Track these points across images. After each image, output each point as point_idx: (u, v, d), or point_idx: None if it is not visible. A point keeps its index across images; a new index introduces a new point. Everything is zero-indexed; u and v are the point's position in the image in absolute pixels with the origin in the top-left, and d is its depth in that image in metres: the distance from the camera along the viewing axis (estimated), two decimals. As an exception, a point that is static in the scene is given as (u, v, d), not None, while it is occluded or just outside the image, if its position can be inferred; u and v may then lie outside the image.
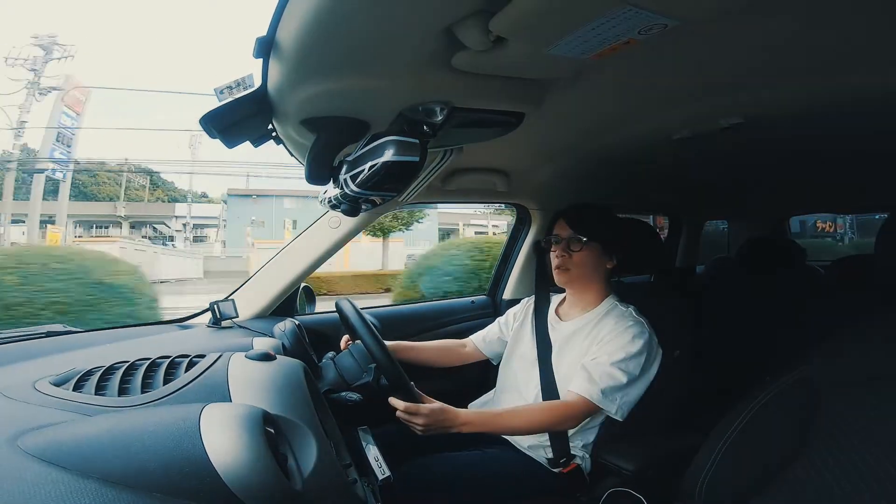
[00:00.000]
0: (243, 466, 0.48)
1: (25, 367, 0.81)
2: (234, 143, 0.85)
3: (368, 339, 0.98)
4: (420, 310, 1.82)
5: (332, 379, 1.03)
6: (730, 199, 2.17)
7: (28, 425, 0.53)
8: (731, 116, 0.97)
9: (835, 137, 1.13)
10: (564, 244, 1.20)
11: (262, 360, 0.73)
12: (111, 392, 0.62)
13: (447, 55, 0.64)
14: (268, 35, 0.61)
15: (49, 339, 1.02)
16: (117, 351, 0.96)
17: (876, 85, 0.79)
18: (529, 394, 1.21)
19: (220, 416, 0.52)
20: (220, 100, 0.72)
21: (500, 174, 1.45)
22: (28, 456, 0.48)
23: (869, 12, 0.60)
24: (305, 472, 0.57)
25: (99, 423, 0.53)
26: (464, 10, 0.54)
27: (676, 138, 1.10)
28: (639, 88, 0.86)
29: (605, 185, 1.63)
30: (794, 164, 1.46)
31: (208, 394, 0.63)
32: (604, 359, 1.09)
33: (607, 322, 1.15)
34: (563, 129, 1.07)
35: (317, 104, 0.76)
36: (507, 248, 1.89)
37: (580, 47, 0.59)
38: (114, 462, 0.48)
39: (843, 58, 0.72)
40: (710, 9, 0.53)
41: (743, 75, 0.80)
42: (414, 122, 0.81)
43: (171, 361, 0.70)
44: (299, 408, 0.65)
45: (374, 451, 0.89)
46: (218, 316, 1.23)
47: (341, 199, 0.92)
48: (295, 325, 1.11)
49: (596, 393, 1.06)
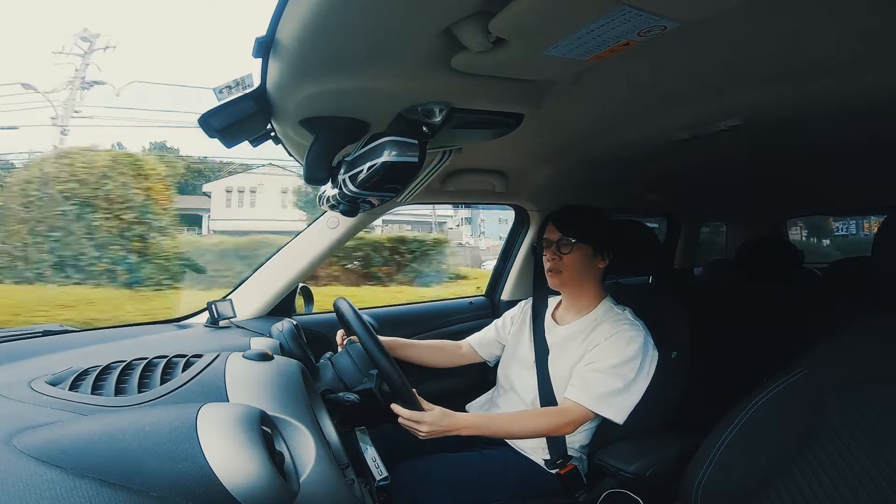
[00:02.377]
0: (240, 467, 0.48)
1: (21, 366, 0.81)
2: (232, 143, 0.85)
3: (371, 345, 0.98)
4: (417, 310, 1.82)
5: (330, 379, 1.02)
6: (728, 200, 2.18)
7: (24, 425, 0.53)
8: (731, 118, 0.97)
9: (833, 139, 1.14)
10: (555, 247, 1.20)
11: (259, 360, 0.73)
12: (108, 392, 0.62)
13: (447, 56, 0.64)
14: (267, 35, 0.61)
15: (45, 338, 1.02)
16: (114, 350, 0.96)
17: (875, 85, 0.79)
18: (527, 396, 1.21)
19: (217, 417, 0.52)
20: (219, 99, 0.72)
21: (499, 175, 1.45)
22: (24, 455, 0.47)
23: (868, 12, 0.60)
24: (303, 473, 0.57)
25: (95, 423, 0.53)
26: (463, 11, 0.54)
27: (675, 140, 1.10)
28: (638, 90, 0.86)
29: (603, 187, 1.64)
30: (793, 166, 1.46)
31: (205, 394, 0.63)
32: (599, 365, 1.09)
33: (602, 326, 1.15)
34: (562, 130, 1.07)
35: (316, 104, 0.76)
36: (506, 249, 1.89)
37: (580, 49, 0.59)
38: (110, 462, 0.47)
39: (842, 59, 0.72)
40: (709, 10, 0.53)
41: (742, 77, 0.80)
42: (413, 123, 0.81)
43: (168, 361, 0.70)
44: (297, 408, 0.65)
45: (372, 451, 0.89)
46: (215, 316, 1.23)
47: (340, 200, 0.92)
48: (293, 325, 1.11)
49: (592, 400, 1.06)
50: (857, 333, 0.79)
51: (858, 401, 0.71)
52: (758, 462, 0.78)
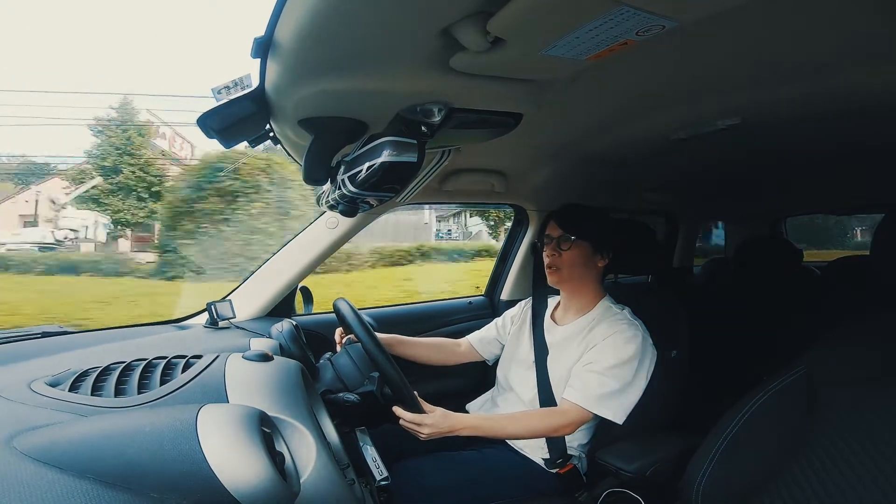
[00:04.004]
0: (240, 467, 0.48)
1: (21, 368, 0.81)
2: (231, 144, 0.85)
3: (371, 346, 0.98)
4: (417, 310, 1.82)
5: (330, 380, 1.02)
6: (727, 199, 2.18)
7: (24, 426, 0.53)
8: (729, 117, 0.97)
9: (832, 138, 1.14)
10: (555, 243, 1.20)
11: (259, 361, 0.73)
12: (107, 393, 0.62)
13: (445, 56, 0.64)
14: (266, 35, 0.61)
15: (45, 339, 1.02)
16: (114, 351, 0.95)
17: (874, 85, 0.79)
18: (526, 396, 1.21)
19: (217, 417, 0.52)
20: (218, 100, 0.72)
21: (498, 175, 1.45)
22: (24, 456, 0.47)
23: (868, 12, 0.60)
24: (303, 474, 0.57)
25: (95, 424, 0.53)
26: (462, 11, 0.54)
27: (674, 139, 1.10)
28: (637, 89, 0.86)
29: (602, 186, 1.64)
30: (792, 165, 1.46)
31: (205, 394, 0.63)
32: (597, 365, 1.09)
33: (601, 326, 1.15)
34: (560, 129, 1.07)
35: (314, 104, 0.76)
36: (505, 249, 1.89)
37: (578, 48, 0.59)
38: (110, 462, 0.47)
39: (841, 58, 0.72)
40: (708, 10, 0.53)
41: (741, 76, 0.80)
42: (412, 123, 0.81)
43: (167, 362, 0.70)
44: (297, 408, 0.65)
45: (372, 451, 0.89)
46: (215, 316, 1.23)
47: (339, 200, 0.92)
48: (292, 325, 1.11)
49: (590, 400, 1.06)
50: (857, 332, 0.79)
51: (858, 399, 0.71)
52: (758, 461, 0.78)
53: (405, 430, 1.00)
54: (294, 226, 5.61)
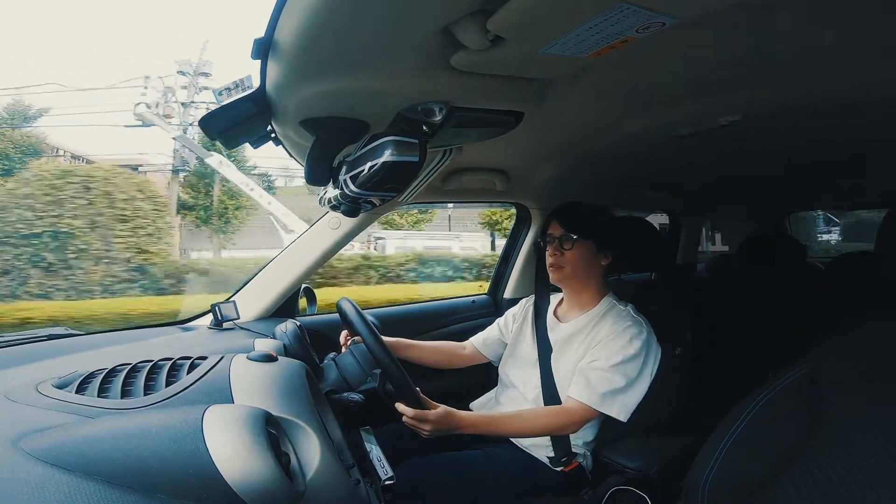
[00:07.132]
0: (246, 468, 0.49)
1: (28, 370, 0.82)
2: (233, 145, 0.85)
3: (374, 345, 0.98)
4: (420, 309, 1.82)
5: (334, 380, 1.02)
6: (730, 196, 2.17)
7: (31, 427, 0.53)
8: (731, 114, 0.97)
9: (834, 134, 1.13)
10: (557, 243, 1.20)
11: (263, 362, 0.73)
12: (114, 394, 0.62)
13: (446, 55, 0.64)
14: (266, 36, 0.61)
15: (51, 341, 1.02)
16: (119, 353, 0.96)
17: (875, 83, 0.78)
18: (529, 394, 1.21)
19: (222, 418, 0.52)
20: (219, 101, 0.72)
21: (500, 173, 1.45)
22: (31, 458, 0.48)
23: (868, 11, 0.60)
24: (308, 474, 0.57)
25: (102, 425, 0.53)
26: (462, 10, 0.54)
27: (676, 136, 1.10)
28: (638, 87, 0.86)
29: (604, 184, 1.64)
30: (794, 162, 1.46)
31: (211, 395, 0.63)
32: (601, 363, 1.09)
33: (605, 323, 1.15)
34: (562, 127, 1.07)
35: (315, 105, 0.76)
36: (508, 248, 1.89)
37: (579, 46, 0.59)
38: (117, 464, 0.48)
39: (842, 55, 0.72)
40: (708, 6, 0.53)
41: (742, 73, 0.80)
42: (413, 122, 0.81)
43: (173, 363, 0.70)
44: (301, 409, 0.66)
45: (377, 451, 0.89)
46: (219, 318, 1.23)
47: (341, 200, 0.93)
48: (296, 325, 1.11)
49: (594, 398, 1.06)
50: (861, 329, 0.79)
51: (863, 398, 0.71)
52: (763, 458, 0.78)
53: (409, 428, 1.00)
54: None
